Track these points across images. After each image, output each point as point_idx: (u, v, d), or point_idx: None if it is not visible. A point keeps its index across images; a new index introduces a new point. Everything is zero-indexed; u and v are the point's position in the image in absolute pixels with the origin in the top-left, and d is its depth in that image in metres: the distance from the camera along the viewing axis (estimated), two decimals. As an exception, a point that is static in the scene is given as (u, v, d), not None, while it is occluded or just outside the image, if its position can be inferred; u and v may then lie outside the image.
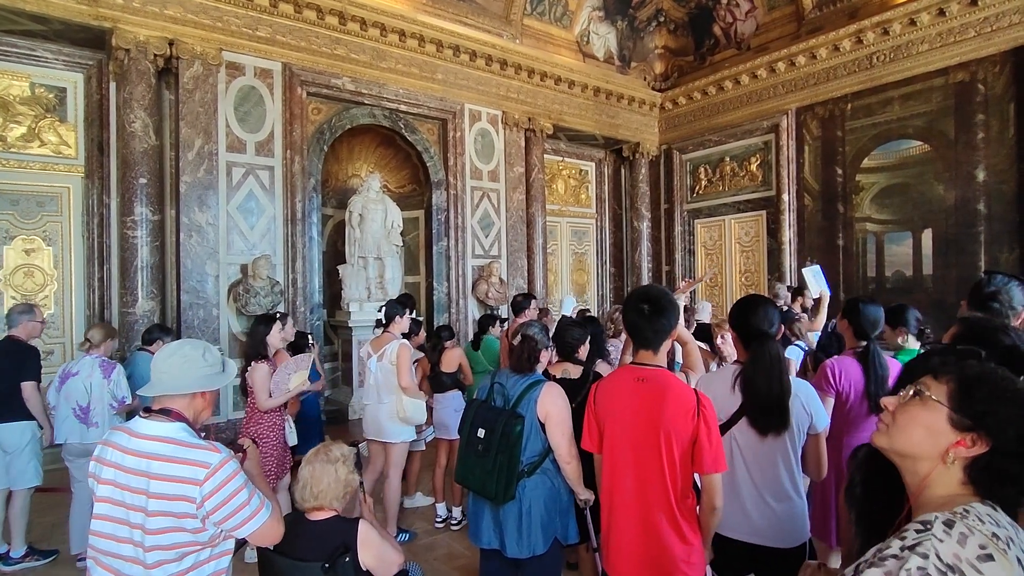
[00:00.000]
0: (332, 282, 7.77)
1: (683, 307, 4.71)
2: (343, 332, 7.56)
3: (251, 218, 6.43)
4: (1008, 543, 0.82)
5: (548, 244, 9.55)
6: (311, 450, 1.97)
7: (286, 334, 4.20)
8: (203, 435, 1.70)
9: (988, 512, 0.86)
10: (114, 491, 1.59)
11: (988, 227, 6.84)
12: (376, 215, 7.58)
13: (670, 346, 2.01)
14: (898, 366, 2.62)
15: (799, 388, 2.07)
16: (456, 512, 4.21)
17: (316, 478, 1.86)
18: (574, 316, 4.81)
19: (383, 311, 4.00)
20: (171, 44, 5.93)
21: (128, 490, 1.57)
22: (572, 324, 3.06)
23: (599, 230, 11.10)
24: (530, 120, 8.89)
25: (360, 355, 4.39)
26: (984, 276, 2.52)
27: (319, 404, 5.30)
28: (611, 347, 3.96)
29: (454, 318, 8.08)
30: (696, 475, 1.89)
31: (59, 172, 6.06)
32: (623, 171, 11.02)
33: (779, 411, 1.97)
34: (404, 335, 4.06)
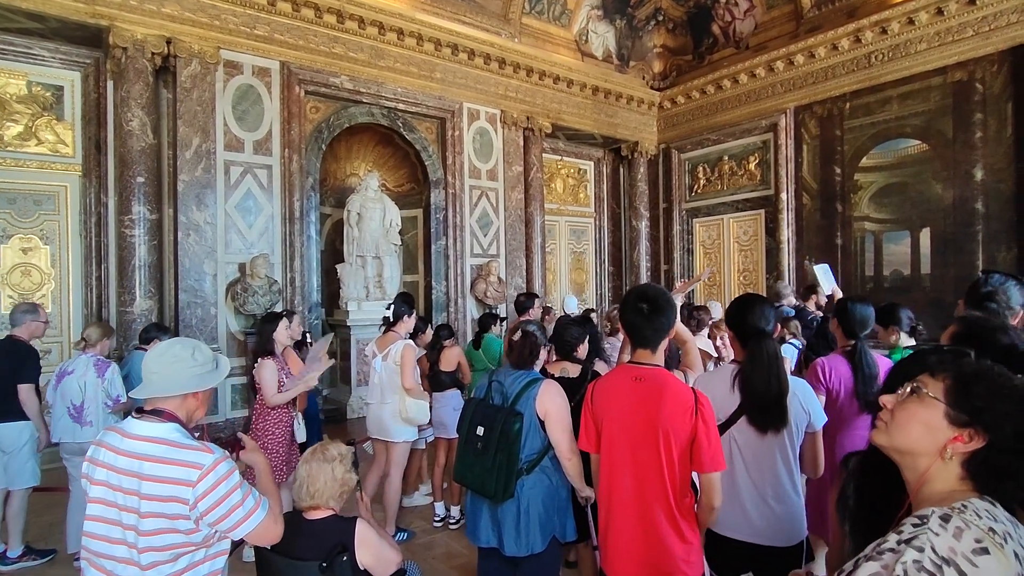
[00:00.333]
0: (330, 281, 7.77)
1: (694, 307, 4.72)
2: (341, 331, 7.55)
3: (249, 217, 6.42)
4: (1005, 538, 0.82)
5: (547, 243, 9.55)
6: (308, 449, 1.96)
7: (293, 331, 4.19)
8: (197, 435, 1.69)
9: (986, 507, 0.87)
10: (107, 492, 1.58)
11: (986, 226, 6.85)
12: (374, 214, 7.58)
13: (667, 345, 2.01)
14: (889, 364, 2.65)
15: (797, 387, 2.07)
16: (455, 511, 4.21)
17: (313, 477, 1.85)
18: (579, 313, 4.80)
19: (391, 308, 3.98)
20: (169, 42, 5.92)
21: (120, 491, 1.56)
22: (571, 323, 3.06)
23: (598, 229, 11.10)
24: (528, 119, 8.88)
25: (365, 353, 4.38)
26: (981, 275, 2.52)
27: (318, 402, 5.30)
28: (608, 345, 3.97)
29: (452, 317, 8.08)
30: (695, 474, 1.89)
31: (56, 171, 6.04)
32: (622, 170, 11.02)
33: (778, 409, 1.97)
34: (410, 334, 4.05)
